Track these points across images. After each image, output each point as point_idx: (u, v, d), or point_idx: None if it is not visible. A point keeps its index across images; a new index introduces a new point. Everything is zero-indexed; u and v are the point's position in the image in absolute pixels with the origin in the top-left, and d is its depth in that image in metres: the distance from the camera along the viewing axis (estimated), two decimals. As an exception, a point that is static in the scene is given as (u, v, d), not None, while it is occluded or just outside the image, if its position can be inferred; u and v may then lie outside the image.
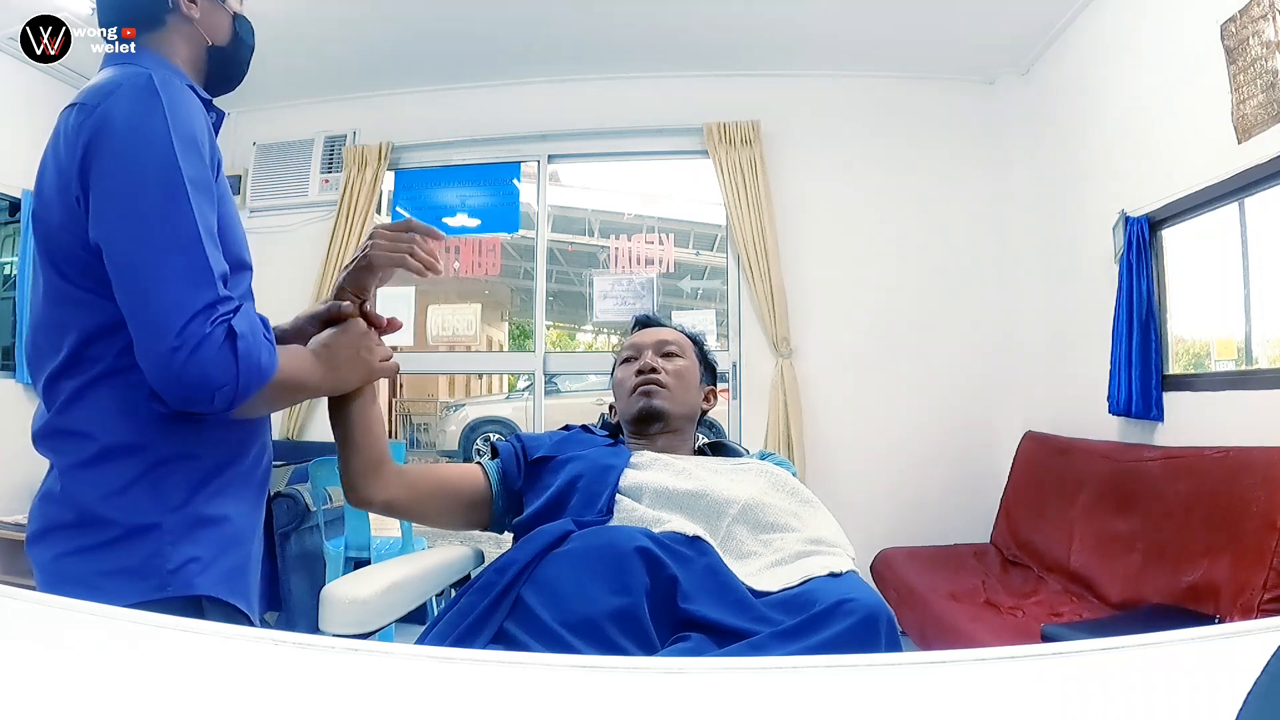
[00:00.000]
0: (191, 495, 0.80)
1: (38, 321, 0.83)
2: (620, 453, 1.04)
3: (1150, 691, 0.39)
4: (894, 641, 0.74)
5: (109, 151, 0.74)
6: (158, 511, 0.78)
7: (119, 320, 0.76)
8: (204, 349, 0.73)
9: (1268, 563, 1.60)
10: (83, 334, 0.78)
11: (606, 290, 3.49)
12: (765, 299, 3.16)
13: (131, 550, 0.77)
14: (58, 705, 0.37)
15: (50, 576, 0.80)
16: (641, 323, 1.24)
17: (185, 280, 0.74)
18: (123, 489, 0.78)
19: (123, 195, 0.74)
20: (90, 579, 0.77)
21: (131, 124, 0.75)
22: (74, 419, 0.79)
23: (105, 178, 0.74)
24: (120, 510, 0.78)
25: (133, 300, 0.74)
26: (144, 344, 0.74)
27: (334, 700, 0.40)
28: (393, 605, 0.87)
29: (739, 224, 3.19)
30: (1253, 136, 1.88)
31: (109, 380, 0.79)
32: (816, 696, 0.39)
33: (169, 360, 0.72)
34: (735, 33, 3.02)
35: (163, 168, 0.74)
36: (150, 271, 0.73)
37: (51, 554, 0.80)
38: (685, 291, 4.80)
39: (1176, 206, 2.24)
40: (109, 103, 0.76)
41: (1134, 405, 2.28)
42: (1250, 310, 2.13)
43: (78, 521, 0.78)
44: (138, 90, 0.76)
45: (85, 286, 0.78)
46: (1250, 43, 1.88)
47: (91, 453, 0.78)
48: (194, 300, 0.73)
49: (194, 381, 0.73)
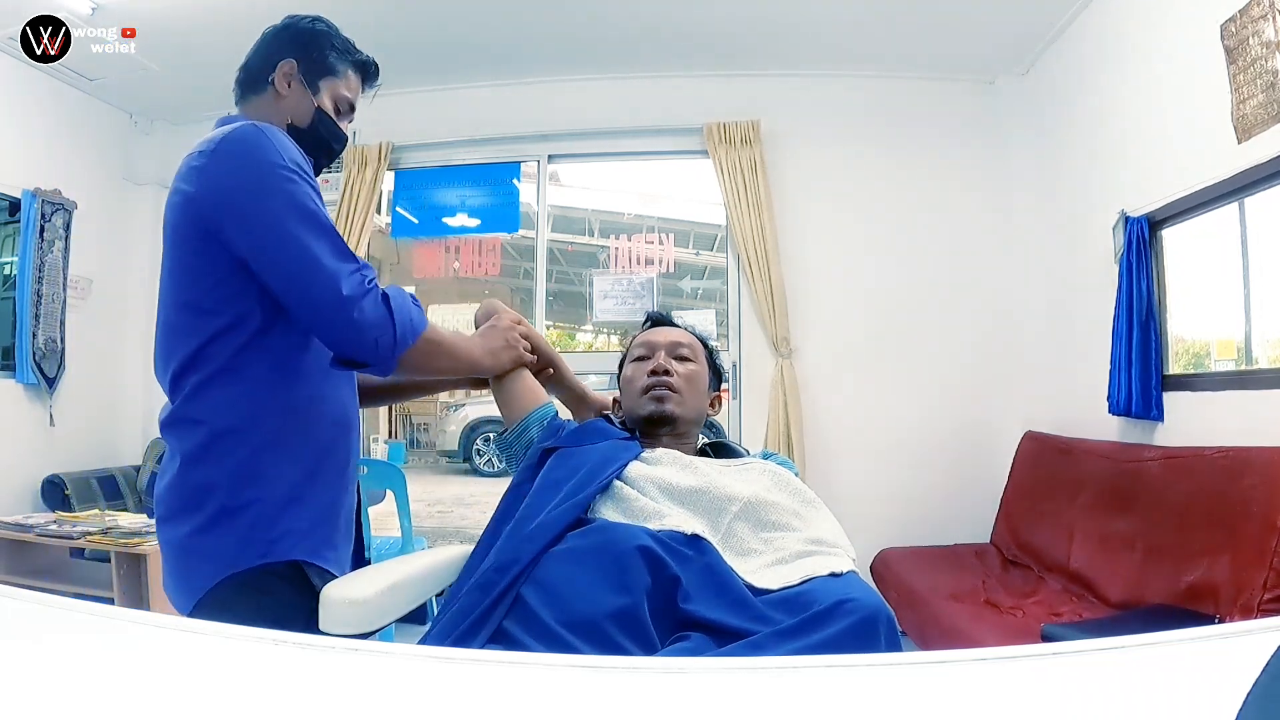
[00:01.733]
0: (289, 475, 0.94)
1: (166, 327, 0.97)
2: (632, 447, 1.04)
3: (1150, 691, 0.39)
4: (894, 641, 0.73)
5: (238, 177, 0.90)
6: (261, 488, 0.92)
7: (233, 325, 0.91)
8: (366, 300, 0.90)
9: (1268, 563, 1.60)
10: (206, 337, 0.92)
11: (606, 290, 3.49)
12: (765, 299, 3.16)
13: (239, 522, 0.91)
14: (58, 705, 0.37)
15: (180, 553, 0.93)
16: (655, 320, 1.23)
17: (336, 255, 0.90)
18: (233, 469, 0.91)
19: (265, 206, 0.90)
20: (208, 550, 0.90)
21: (252, 153, 0.91)
22: (193, 409, 0.92)
23: (244, 198, 0.90)
24: (230, 487, 0.91)
25: (298, 279, 0.89)
26: (315, 309, 0.90)
27: (334, 700, 0.40)
28: (392, 605, 0.87)
29: (739, 224, 3.19)
30: (1253, 136, 1.88)
31: (224, 376, 0.92)
32: (816, 696, 0.39)
33: (339, 315, 0.88)
34: (735, 33, 3.02)
35: (286, 179, 0.91)
36: (308, 255, 0.89)
37: (183, 532, 0.92)
38: (685, 291, 4.80)
39: (1176, 206, 2.24)
40: (227, 143, 0.92)
41: (1134, 405, 2.28)
42: (1250, 310, 2.13)
43: (196, 500, 0.91)
44: (247, 129, 0.93)
45: (215, 297, 0.92)
46: (1250, 43, 1.88)
47: (207, 437, 0.91)
48: (347, 266, 0.90)
49: (366, 325, 0.89)
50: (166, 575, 0.96)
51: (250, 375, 0.92)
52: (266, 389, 0.93)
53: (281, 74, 1.04)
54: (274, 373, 0.94)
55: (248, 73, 1.05)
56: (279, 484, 0.93)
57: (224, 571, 0.90)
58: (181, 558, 0.92)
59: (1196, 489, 1.89)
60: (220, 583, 0.90)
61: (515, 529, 0.90)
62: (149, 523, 2.62)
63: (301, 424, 0.96)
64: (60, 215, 3.24)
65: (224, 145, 0.92)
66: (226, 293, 0.91)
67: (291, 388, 0.96)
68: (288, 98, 1.05)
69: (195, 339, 0.92)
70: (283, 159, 0.91)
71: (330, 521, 0.99)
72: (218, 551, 0.90)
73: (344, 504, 1.03)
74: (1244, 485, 1.74)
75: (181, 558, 0.92)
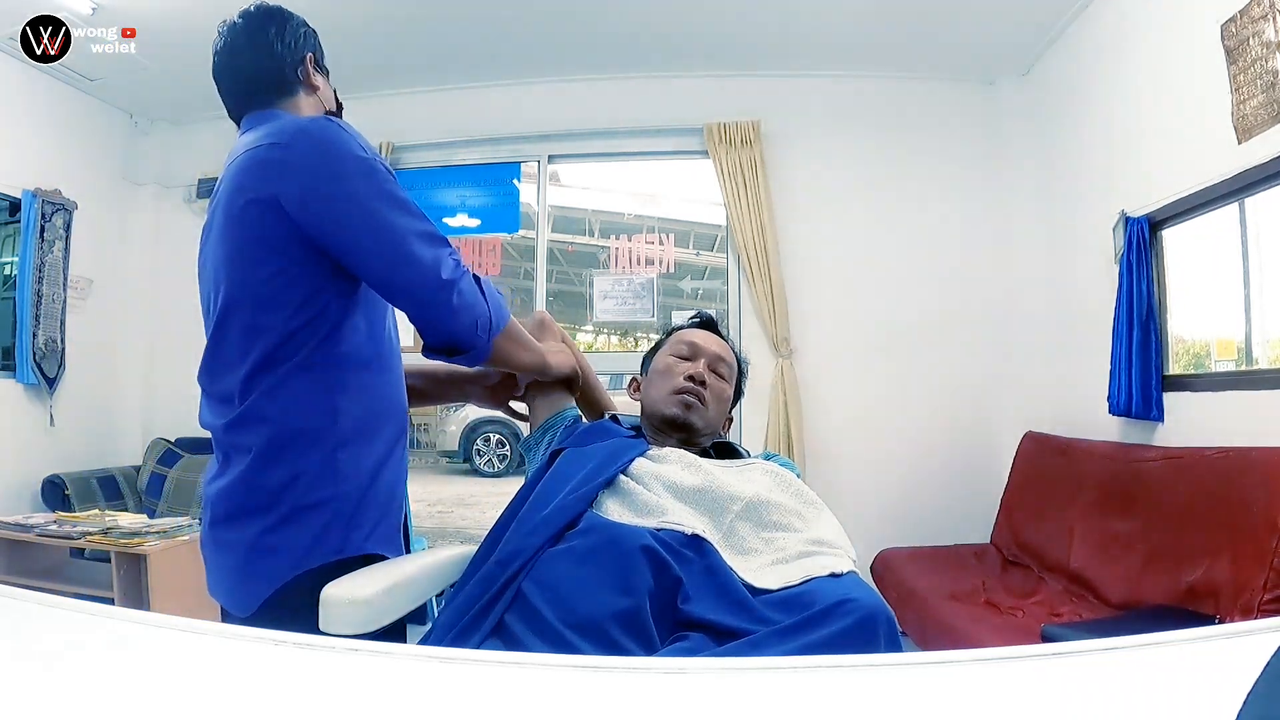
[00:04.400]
0: (362, 470, 0.94)
1: (226, 325, 0.93)
2: (638, 444, 1.04)
3: (1150, 691, 0.39)
4: (894, 642, 0.73)
5: (327, 169, 0.89)
6: (337, 484, 0.92)
7: (308, 323, 0.90)
8: (465, 283, 0.91)
9: (1268, 563, 1.60)
10: (281, 335, 0.90)
11: (606, 290, 3.49)
12: (765, 299, 3.16)
13: (315, 518, 0.91)
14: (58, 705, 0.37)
15: (249, 551, 0.91)
16: (706, 324, 1.22)
17: (430, 241, 0.90)
18: (309, 466, 0.91)
19: (358, 197, 0.89)
20: (282, 548, 0.90)
21: (335, 146, 0.90)
22: (268, 407, 0.91)
23: (336, 190, 0.88)
24: (307, 484, 0.91)
25: (397, 266, 0.89)
26: (417, 294, 0.90)
27: (334, 700, 0.40)
28: (393, 605, 0.87)
29: (739, 224, 3.19)
30: (1253, 137, 1.88)
31: (299, 374, 0.91)
32: (816, 696, 0.39)
33: (442, 298, 0.89)
34: (735, 33, 3.02)
35: (373, 167, 0.90)
36: (407, 242, 0.89)
37: (253, 530, 0.90)
38: (685, 291, 4.80)
39: (1176, 207, 2.24)
40: (306, 136, 0.90)
41: (1134, 405, 2.28)
42: (1250, 310, 2.13)
43: (270, 498, 0.90)
44: (323, 123, 0.92)
45: (290, 294, 0.90)
46: (1250, 43, 1.88)
47: (284, 435, 0.91)
48: (443, 252, 0.91)
49: (465, 308, 0.90)
50: (224, 576, 0.94)
51: (326, 374, 0.92)
52: (341, 387, 0.93)
53: (310, 69, 1.04)
54: (348, 371, 0.94)
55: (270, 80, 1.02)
56: (353, 480, 0.93)
57: (299, 568, 0.90)
58: (251, 555, 0.91)
59: (1196, 489, 1.89)
60: (294, 579, 0.89)
61: (519, 524, 0.90)
62: (149, 523, 2.62)
63: (373, 420, 0.97)
64: (60, 215, 3.24)
65: (304, 138, 0.90)
66: (304, 290, 0.90)
67: (364, 386, 0.96)
68: (321, 89, 1.06)
69: (271, 337, 0.90)
70: (365, 150, 0.92)
71: (396, 513, 1.01)
72: (293, 548, 0.90)
73: (404, 498, 1.05)
74: (1244, 485, 1.73)
75: (251, 555, 0.91)
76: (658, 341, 1.25)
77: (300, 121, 0.95)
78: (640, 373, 1.23)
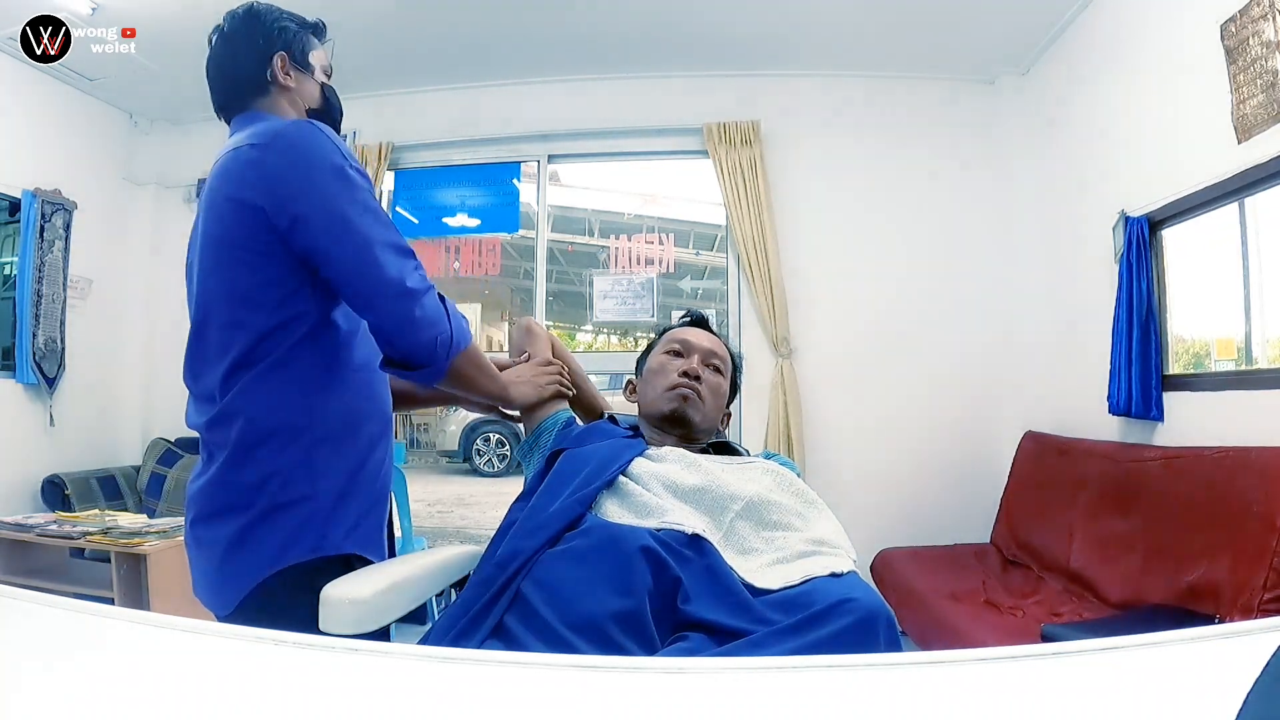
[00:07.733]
0: (340, 470, 0.95)
1: (212, 325, 0.94)
2: (636, 444, 1.04)
3: (1150, 691, 0.39)
4: (894, 641, 0.73)
5: (300, 173, 0.90)
6: (314, 483, 0.92)
7: (288, 321, 0.91)
8: (428, 298, 0.91)
9: (1268, 563, 1.60)
10: (260, 333, 0.90)
11: (606, 290, 3.49)
12: (765, 299, 3.16)
13: (291, 517, 0.91)
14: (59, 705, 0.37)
15: (226, 549, 0.91)
16: (697, 321, 1.23)
17: (398, 252, 0.91)
18: (286, 464, 0.91)
19: (330, 202, 0.89)
20: (259, 545, 0.90)
21: (312, 151, 0.91)
22: (245, 405, 0.91)
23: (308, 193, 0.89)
24: (283, 482, 0.91)
25: (364, 273, 0.89)
26: (381, 303, 0.90)
27: (334, 700, 0.40)
28: (393, 605, 0.87)
29: (739, 224, 3.19)
30: (1253, 136, 1.88)
31: (277, 372, 0.91)
32: (816, 696, 0.39)
33: (403, 308, 0.89)
34: (735, 33, 3.02)
35: (346, 174, 0.91)
36: (374, 250, 0.89)
37: (230, 528, 0.91)
38: (685, 291, 4.80)
39: (1176, 206, 2.24)
40: (284, 139, 0.91)
41: (1134, 405, 2.28)
42: (1250, 310, 2.13)
43: (247, 496, 0.90)
44: (302, 126, 0.94)
45: (270, 293, 0.91)
46: (1250, 43, 1.88)
47: (260, 433, 0.91)
48: (409, 264, 0.91)
49: (426, 321, 0.90)
50: (204, 573, 0.95)
51: (303, 372, 0.92)
52: (319, 385, 0.93)
53: (280, 69, 1.03)
54: (326, 370, 0.95)
55: (244, 82, 1.02)
56: (331, 479, 0.94)
57: (275, 565, 0.90)
58: (227, 553, 0.91)
59: (1196, 489, 1.89)
60: (270, 577, 0.90)
61: (519, 526, 0.90)
62: (149, 523, 2.62)
63: (352, 420, 0.97)
64: (60, 215, 3.24)
65: (280, 141, 0.91)
66: (281, 290, 0.91)
67: (343, 384, 0.96)
68: (296, 87, 1.05)
69: (249, 335, 0.91)
70: (341, 156, 0.92)
71: (376, 515, 1.01)
72: (269, 546, 0.90)
73: (386, 498, 1.05)
74: (1244, 485, 1.73)
75: (227, 553, 0.91)
76: (650, 343, 1.25)
77: (280, 124, 0.95)
78: (635, 375, 1.23)
